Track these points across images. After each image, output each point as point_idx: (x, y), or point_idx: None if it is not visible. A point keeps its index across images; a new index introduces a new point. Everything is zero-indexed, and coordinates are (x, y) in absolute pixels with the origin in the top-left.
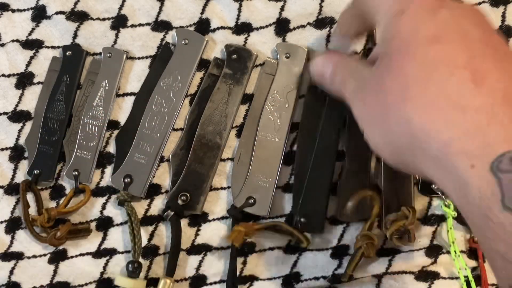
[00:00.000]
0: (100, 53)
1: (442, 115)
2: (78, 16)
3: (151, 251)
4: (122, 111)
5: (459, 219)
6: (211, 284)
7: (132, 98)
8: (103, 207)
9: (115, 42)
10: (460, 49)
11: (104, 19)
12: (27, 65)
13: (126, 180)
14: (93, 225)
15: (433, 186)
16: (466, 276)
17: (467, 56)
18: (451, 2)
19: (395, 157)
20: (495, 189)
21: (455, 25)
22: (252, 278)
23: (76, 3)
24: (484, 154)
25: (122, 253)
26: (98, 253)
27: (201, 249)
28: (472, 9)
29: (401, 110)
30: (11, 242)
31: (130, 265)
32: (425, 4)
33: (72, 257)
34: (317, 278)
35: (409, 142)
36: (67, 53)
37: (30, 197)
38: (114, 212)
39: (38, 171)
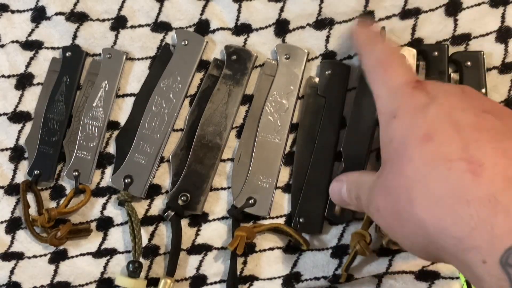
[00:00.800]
0: (99, 54)
1: (449, 212)
2: (78, 17)
3: (151, 251)
4: (122, 111)
5: None
6: (211, 284)
7: (132, 98)
8: (104, 207)
9: (114, 43)
10: (452, 141)
11: (103, 20)
12: (27, 66)
13: (126, 181)
14: (93, 225)
15: None
16: None
17: (461, 146)
18: (441, 90)
19: (423, 255)
20: (506, 285)
21: (445, 117)
22: (252, 278)
23: (75, 4)
24: (493, 249)
25: (122, 253)
26: (99, 253)
27: (201, 249)
28: (461, 93)
29: (410, 213)
30: (12, 242)
31: (130, 265)
32: (414, 104)
33: (72, 257)
34: (317, 279)
35: (427, 241)
36: (67, 54)
37: (30, 197)
38: (115, 212)
39: (38, 171)
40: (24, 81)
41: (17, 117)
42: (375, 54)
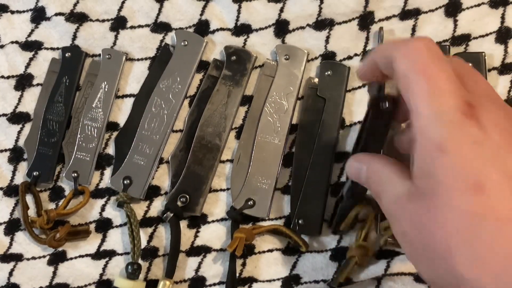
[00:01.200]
0: (99, 55)
1: (496, 277)
2: (78, 18)
3: (150, 253)
4: (122, 112)
5: None
6: (210, 285)
7: (132, 99)
8: (103, 209)
9: (114, 43)
10: (505, 196)
11: (103, 21)
12: (26, 67)
13: (125, 182)
14: (92, 226)
15: None
16: None
17: None
18: (493, 123)
19: None
20: None
21: (499, 163)
22: (251, 280)
23: (75, 5)
24: None
25: (121, 254)
26: (98, 255)
27: (200, 251)
28: (509, 123)
29: (447, 262)
30: (10, 244)
31: (129, 267)
32: (466, 139)
33: (71, 258)
34: (317, 281)
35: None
36: (67, 55)
37: (29, 198)
38: (114, 213)
39: (37, 172)
40: (23, 81)
41: (16, 118)
42: (412, 55)
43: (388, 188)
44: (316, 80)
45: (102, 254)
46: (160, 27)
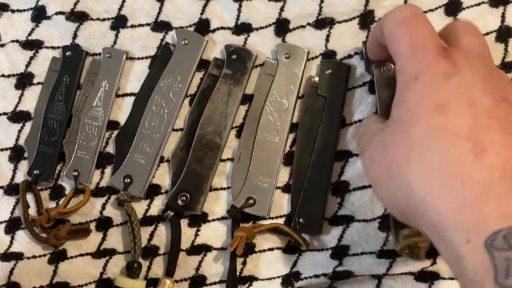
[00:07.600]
0: (100, 54)
1: (441, 185)
2: (78, 17)
3: (151, 252)
4: (122, 111)
5: None
6: (210, 284)
7: (132, 98)
8: (103, 208)
9: (115, 42)
10: (464, 119)
11: (104, 20)
12: (27, 66)
13: (126, 181)
14: (92, 225)
15: None
16: None
17: (471, 127)
18: (467, 64)
19: (399, 216)
20: (489, 266)
21: (464, 93)
22: (252, 279)
23: (75, 4)
24: (479, 230)
25: (122, 253)
26: (98, 254)
27: (200, 250)
28: (486, 74)
29: (402, 175)
30: (11, 243)
31: (130, 265)
32: (438, 71)
33: (72, 257)
34: (317, 276)
35: (409, 206)
36: (67, 54)
37: (30, 197)
38: (114, 212)
39: (38, 171)
40: (24, 80)
41: (17, 116)
42: (400, 14)
43: (367, 130)
44: (317, 79)
45: (103, 253)
46: (160, 26)
